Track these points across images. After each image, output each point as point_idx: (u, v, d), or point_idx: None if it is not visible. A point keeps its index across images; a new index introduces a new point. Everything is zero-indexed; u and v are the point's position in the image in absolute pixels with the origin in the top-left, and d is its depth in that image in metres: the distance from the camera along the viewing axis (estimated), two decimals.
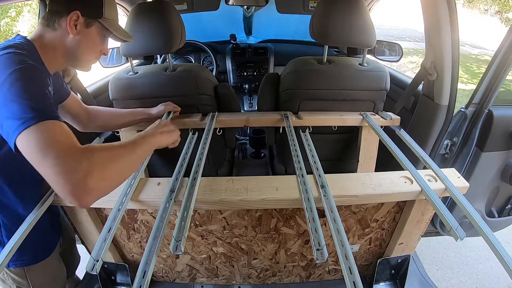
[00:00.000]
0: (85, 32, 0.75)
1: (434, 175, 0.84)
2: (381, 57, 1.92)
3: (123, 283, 1.08)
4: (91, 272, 0.62)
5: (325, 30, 1.09)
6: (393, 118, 1.17)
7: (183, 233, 0.64)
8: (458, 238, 0.66)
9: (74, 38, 0.74)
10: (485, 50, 7.39)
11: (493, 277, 1.72)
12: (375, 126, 1.08)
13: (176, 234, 0.64)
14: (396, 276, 1.09)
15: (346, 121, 1.17)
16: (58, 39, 0.74)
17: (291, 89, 1.20)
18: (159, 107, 1.10)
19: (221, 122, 1.16)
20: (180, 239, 0.61)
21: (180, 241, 0.61)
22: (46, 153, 0.52)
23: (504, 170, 1.21)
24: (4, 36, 6.37)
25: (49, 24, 0.73)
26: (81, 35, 0.75)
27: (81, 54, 0.78)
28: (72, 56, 0.77)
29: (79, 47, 0.76)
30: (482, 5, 10.06)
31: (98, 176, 0.54)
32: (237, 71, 2.20)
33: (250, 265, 1.04)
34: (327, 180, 0.80)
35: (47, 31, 0.74)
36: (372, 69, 1.17)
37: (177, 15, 1.09)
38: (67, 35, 0.74)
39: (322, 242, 0.61)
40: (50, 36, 0.74)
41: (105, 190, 0.57)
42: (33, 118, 0.54)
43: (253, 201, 0.77)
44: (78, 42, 0.75)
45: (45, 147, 0.52)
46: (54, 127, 0.55)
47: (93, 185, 0.53)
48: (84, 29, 0.75)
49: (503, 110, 1.12)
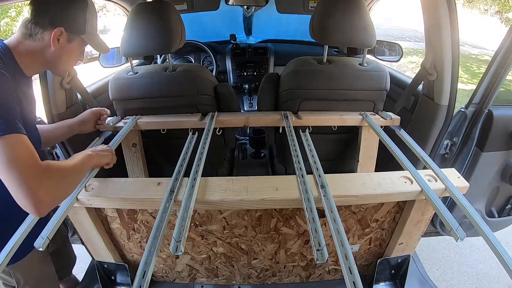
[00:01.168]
0: (66, 46, 0.78)
1: (434, 175, 0.84)
2: (381, 57, 1.92)
3: (123, 283, 1.08)
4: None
5: (325, 30, 1.09)
6: (393, 118, 1.17)
7: (183, 233, 0.64)
8: (459, 239, 0.66)
9: (55, 51, 0.76)
10: (485, 50, 7.39)
11: (493, 277, 1.72)
12: (375, 126, 1.08)
13: (176, 234, 0.64)
14: (396, 276, 1.09)
15: (346, 121, 1.17)
16: (38, 50, 0.76)
17: (291, 89, 1.20)
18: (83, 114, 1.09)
19: (220, 122, 1.16)
20: (180, 239, 0.62)
21: (180, 242, 0.61)
22: (9, 168, 0.57)
23: (504, 170, 1.21)
24: (4, 36, 6.36)
25: (31, 34, 0.74)
26: (62, 50, 0.77)
27: (60, 65, 0.82)
28: (50, 65, 0.81)
29: (58, 59, 0.79)
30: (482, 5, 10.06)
31: (56, 192, 0.63)
32: (237, 71, 2.20)
33: (250, 265, 1.04)
34: (327, 180, 0.80)
35: (27, 39, 0.75)
36: (372, 69, 1.16)
37: (177, 15, 1.09)
38: (48, 47, 0.75)
39: (322, 242, 0.61)
40: (29, 45, 0.75)
41: (58, 202, 0.69)
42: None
43: (253, 201, 0.77)
44: (58, 55, 0.78)
45: (8, 162, 0.57)
46: (16, 143, 0.59)
47: (51, 200, 0.62)
48: (66, 44, 0.77)
49: (503, 110, 1.12)
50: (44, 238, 0.67)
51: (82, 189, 0.79)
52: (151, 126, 1.17)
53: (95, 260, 1.04)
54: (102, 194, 0.79)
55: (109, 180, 0.83)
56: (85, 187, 0.80)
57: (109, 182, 0.83)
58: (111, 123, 1.13)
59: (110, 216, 0.90)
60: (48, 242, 0.68)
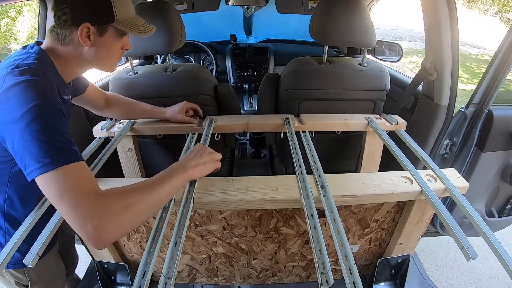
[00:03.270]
0: (100, 40, 0.71)
1: (434, 175, 0.84)
2: (381, 57, 1.92)
3: (123, 283, 1.08)
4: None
5: (325, 30, 1.09)
6: (400, 123, 1.12)
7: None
8: (470, 258, 0.63)
9: (90, 49, 0.71)
10: (485, 50, 7.39)
11: (493, 277, 1.72)
12: (380, 132, 1.05)
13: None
14: (396, 276, 1.09)
15: (351, 126, 1.13)
16: (72, 53, 0.71)
17: (291, 89, 1.20)
18: (175, 112, 1.10)
19: (219, 127, 1.12)
20: (170, 276, 0.57)
21: (170, 278, 0.56)
22: (62, 198, 0.54)
23: (504, 170, 1.21)
24: (4, 36, 6.36)
25: (59, 39, 0.70)
26: (97, 45, 0.71)
27: (102, 61, 0.76)
28: (93, 64, 0.76)
29: (98, 56, 0.73)
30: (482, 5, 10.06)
31: (112, 226, 0.55)
32: (237, 71, 2.20)
33: (250, 265, 1.04)
34: (327, 180, 0.79)
35: (59, 46, 0.71)
36: (372, 69, 1.16)
37: (177, 15, 1.09)
38: (82, 48, 0.70)
39: (327, 266, 0.57)
40: (63, 51, 0.71)
41: (118, 236, 0.59)
42: (50, 163, 0.55)
43: (253, 201, 0.77)
44: (95, 51, 0.72)
45: (62, 193, 0.54)
46: (71, 172, 0.56)
47: (106, 235, 0.55)
48: (99, 38, 0.71)
49: (503, 110, 1.12)
50: (34, 255, 0.64)
51: None
52: (147, 132, 1.15)
53: (95, 260, 1.04)
54: None
55: (109, 180, 0.83)
56: None
57: (109, 182, 0.82)
58: (105, 127, 1.11)
59: None
60: (38, 258, 0.65)
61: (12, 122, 0.57)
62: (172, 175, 0.69)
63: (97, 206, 0.55)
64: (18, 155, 0.57)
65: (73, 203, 0.54)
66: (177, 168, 0.72)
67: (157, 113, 1.11)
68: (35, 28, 0.89)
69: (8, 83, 0.60)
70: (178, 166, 0.72)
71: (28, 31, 6.61)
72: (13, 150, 0.58)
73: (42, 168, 0.54)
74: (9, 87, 0.59)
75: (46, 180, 0.55)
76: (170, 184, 0.67)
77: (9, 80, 0.60)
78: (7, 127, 0.58)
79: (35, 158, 0.55)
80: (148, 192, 0.62)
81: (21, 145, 0.56)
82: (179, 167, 0.72)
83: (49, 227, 0.70)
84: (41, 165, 0.54)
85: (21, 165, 0.57)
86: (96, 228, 0.53)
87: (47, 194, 0.56)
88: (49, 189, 0.55)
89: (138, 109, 1.11)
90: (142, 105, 1.11)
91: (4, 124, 0.58)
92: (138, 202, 0.60)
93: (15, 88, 0.59)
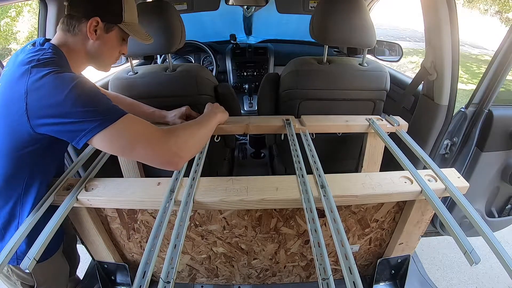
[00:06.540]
0: (104, 37, 0.76)
1: (434, 175, 0.84)
2: (381, 57, 1.92)
3: (123, 283, 1.08)
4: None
5: (325, 30, 1.09)
6: (401, 124, 1.11)
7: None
8: (473, 263, 0.63)
9: (94, 42, 0.76)
10: (485, 50, 7.39)
11: (493, 277, 1.72)
12: (381, 133, 1.04)
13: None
14: (396, 276, 1.09)
15: (352, 127, 1.12)
16: (79, 44, 0.75)
17: (291, 89, 1.20)
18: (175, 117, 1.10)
19: (219, 129, 1.10)
20: (169, 280, 0.57)
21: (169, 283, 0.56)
22: (136, 144, 0.66)
23: (504, 170, 1.21)
24: (4, 36, 6.36)
25: (69, 29, 0.74)
26: (101, 40, 0.76)
27: (101, 58, 0.80)
28: (92, 59, 0.80)
29: (99, 51, 0.78)
30: (482, 5, 10.06)
31: (184, 148, 0.72)
32: (237, 71, 2.20)
33: (250, 265, 1.04)
34: (327, 180, 0.79)
35: (69, 36, 0.74)
36: (372, 69, 1.16)
37: (177, 15, 1.09)
38: (87, 40, 0.75)
39: (328, 272, 0.57)
40: (72, 41, 0.75)
41: (191, 156, 0.77)
42: (106, 120, 0.63)
43: (253, 201, 0.77)
44: (98, 46, 0.77)
45: (134, 138, 0.66)
46: (131, 122, 0.66)
47: (183, 154, 0.71)
48: (104, 34, 0.76)
49: (503, 110, 1.12)
50: (31, 259, 0.64)
51: (82, 189, 0.79)
52: None
53: (95, 260, 1.04)
54: (102, 194, 0.79)
55: (109, 180, 0.83)
56: (85, 187, 0.80)
57: (109, 182, 0.83)
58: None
59: (110, 216, 0.90)
60: (35, 263, 0.65)
61: (56, 105, 0.62)
62: (209, 118, 0.91)
63: (170, 137, 0.69)
64: (70, 127, 0.62)
65: (148, 142, 0.66)
66: (210, 114, 0.94)
67: (158, 117, 1.11)
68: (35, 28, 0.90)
69: (37, 74, 0.63)
70: (208, 114, 0.94)
71: (28, 31, 6.61)
72: (62, 128, 0.62)
73: (101, 125, 0.62)
74: (40, 77, 0.63)
75: (111, 134, 0.63)
76: (210, 123, 0.90)
77: (37, 72, 0.63)
78: (50, 110, 0.62)
79: (92, 119, 0.62)
80: (199, 128, 0.82)
81: (74, 116, 0.61)
82: (210, 114, 0.94)
83: (47, 228, 0.70)
84: (100, 122, 0.62)
85: (73, 135, 0.63)
86: (175, 153, 0.69)
87: (115, 148, 0.66)
88: (116, 141, 0.64)
89: (139, 111, 1.10)
90: (144, 107, 1.10)
91: (46, 108, 0.62)
92: (196, 132, 0.79)
93: (47, 77, 0.63)
